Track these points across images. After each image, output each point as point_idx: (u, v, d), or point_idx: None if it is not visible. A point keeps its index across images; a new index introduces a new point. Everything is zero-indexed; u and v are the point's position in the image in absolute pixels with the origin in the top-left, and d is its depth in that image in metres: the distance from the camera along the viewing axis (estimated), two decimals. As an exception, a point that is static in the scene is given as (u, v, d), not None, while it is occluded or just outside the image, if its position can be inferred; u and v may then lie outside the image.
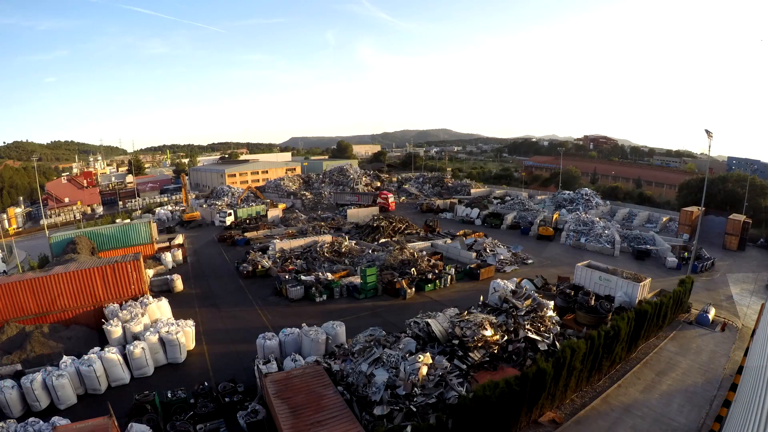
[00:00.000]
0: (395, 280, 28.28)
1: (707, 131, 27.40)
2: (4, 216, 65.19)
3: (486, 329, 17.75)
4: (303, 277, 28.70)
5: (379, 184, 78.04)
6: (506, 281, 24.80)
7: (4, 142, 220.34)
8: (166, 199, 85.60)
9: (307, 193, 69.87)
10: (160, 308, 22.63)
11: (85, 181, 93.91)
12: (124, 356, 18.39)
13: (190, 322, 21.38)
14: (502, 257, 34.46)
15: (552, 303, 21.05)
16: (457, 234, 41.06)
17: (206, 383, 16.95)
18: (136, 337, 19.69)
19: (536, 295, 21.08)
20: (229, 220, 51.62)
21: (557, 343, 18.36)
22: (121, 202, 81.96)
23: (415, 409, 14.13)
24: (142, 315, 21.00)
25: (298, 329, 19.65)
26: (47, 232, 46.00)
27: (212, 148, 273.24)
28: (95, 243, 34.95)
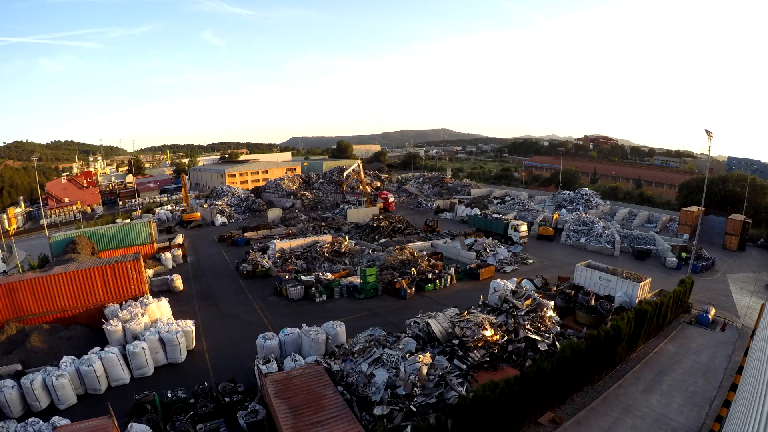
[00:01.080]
0: (395, 280, 28.27)
1: (707, 131, 27.39)
2: (4, 216, 65.18)
3: (486, 329, 17.75)
4: (303, 277, 28.69)
5: (379, 184, 78.02)
6: (506, 281, 24.80)
7: (4, 142, 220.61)
8: (166, 199, 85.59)
9: (307, 193, 69.87)
10: (160, 308, 22.62)
11: (85, 181, 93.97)
12: (124, 356, 18.39)
13: (190, 322, 21.38)
14: (502, 257, 34.46)
15: (552, 303, 21.05)
16: (457, 234, 41.07)
17: (206, 383, 16.94)
18: (136, 337, 19.67)
19: (536, 295, 21.08)
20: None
21: (557, 343, 18.37)
22: (121, 202, 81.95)
23: (415, 409, 14.12)
24: (142, 315, 20.98)
25: (298, 329, 19.64)
26: (47, 232, 45.98)
27: (212, 148, 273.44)
28: (95, 243, 34.92)
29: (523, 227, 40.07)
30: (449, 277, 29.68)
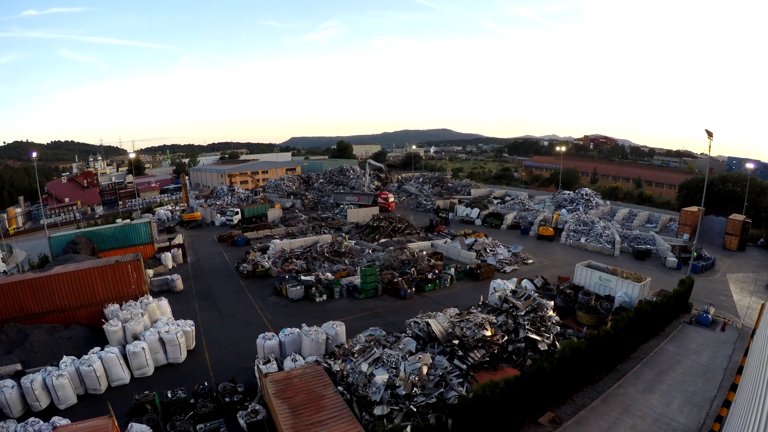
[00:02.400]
0: (395, 280, 28.27)
1: (707, 131, 27.40)
2: (4, 216, 65.18)
3: (486, 329, 17.76)
4: (303, 277, 28.69)
5: (379, 184, 77.99)
6: (506, 281, 24.80)
7: (4, 142, 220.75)
8: (166, 199, 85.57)
9: (307, 193, 69.85)
10: (160, 308, 22.63)
11: (85, 181, 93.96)
12: (124, 356, 18.39)
13: (190, 322, 21.38)
14: (502, 257, 34.45)
15: (552, 303, 21.05)
16: (458, 234, 41.07)
17: (206, 383, 16.93)
18: (136, 337, 19.67)
19: (536, 295, 21.07)
20: (236, 218, 51.77)
21: (557, 343, 18.37)
22: (121, 202, 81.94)
23: (415, 409, 14.12)
24: (142, 315, 20.98)
25: (298, 329, 19.64)
26: (47, 232, 45.97)
27: (212, 148, 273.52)
28: (95, 243, 34.93)
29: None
30: (449, 277, 29.68)
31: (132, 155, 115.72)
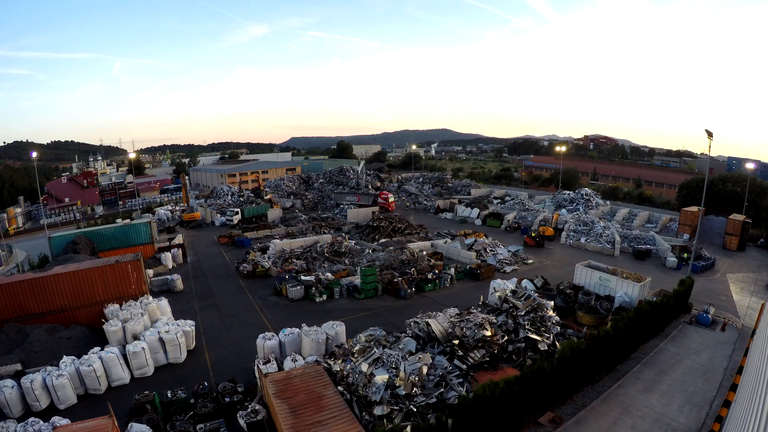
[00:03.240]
0: (395, 280, 28.27)
1: (707, 131, 27.38)
2: (4, 216, 65.16)
3: (486, 329, 17.76)
4: (303, 277, 28.69)
5: (379, 184, 78.00)
6: (506, 281, 24.79)
7: (5, 142, 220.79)
8: (166, 199, 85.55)
9: (307, 193, 69.84)
10: (160, 308, 22.62)
11: (85, 181, 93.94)
12: (124, 356, 18.38)
13: (190, 322, 21.37)
14: (502, 257, 34.45)
15: (552, 303, 21.05)
16: (457, 234, 41.06)
17: (206, 383, 16.93)
18: (136, 337, 19.67)
19: (536, 295, 21.07)
20: (237, 218, 51.76)
21: (557, 343, 18.37)
22: (121, 202, 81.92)
23: (415, 409, 14.13)
24: (142, 315, 20.98)
25: (298, 329, 19.64)
26: (47, 232, 45.98)
27: (212, 148, 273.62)
28: (95, 243, 34.93)
29: None
30: (449, 277, 29.68)
31: (132, 155, 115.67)
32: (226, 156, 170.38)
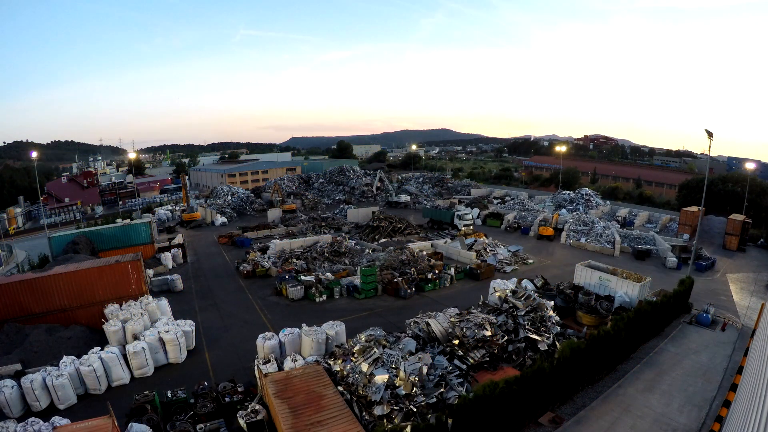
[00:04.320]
0: (395, 280, 28.27)
1: (707, 131, 27.37)
2: (4, 216, 65.13)
3: (486, 329, 17.76)
4: (303, 277, 28.69)
5: (379, 184, 77.97)
6: (506, 281, 24.78)
7: (5, 142, 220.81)
8: (166, 199, 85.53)
9: (307, 193, 69.83)
10: (160, 308, 22.61)
11: (85, 181, 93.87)
12: (124, 356, 18.39)
13: (190, 322, 21.38)
14: (502, 257, 34.45)
15: (552, 303, 21.04)
16: (457, 234, 41.05)
17: (206, 383, 16.93)
18: (136, 337, 19.66)
19: (536, 295, 21.07)
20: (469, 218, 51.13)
21: (557, 343, 18.37)
22: (121, 202, 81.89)
23: (415, 409, 14.12)
24: (142, 315, 20.97)
25: (298, 329, 19.64)
26: (47, 232, 45.96)
27: (212, 148, 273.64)
28: (95, 243, 34.92)
29: (469, 216, 41.38)
30: (449, 277, 29.68)
31: (132, 155, 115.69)
32: (226, 156, 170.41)
